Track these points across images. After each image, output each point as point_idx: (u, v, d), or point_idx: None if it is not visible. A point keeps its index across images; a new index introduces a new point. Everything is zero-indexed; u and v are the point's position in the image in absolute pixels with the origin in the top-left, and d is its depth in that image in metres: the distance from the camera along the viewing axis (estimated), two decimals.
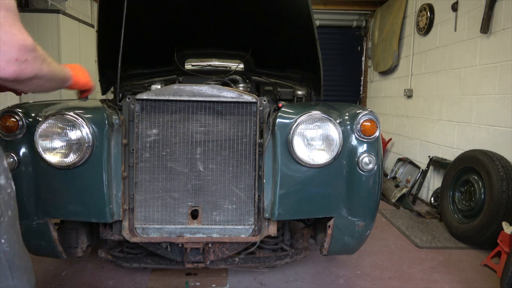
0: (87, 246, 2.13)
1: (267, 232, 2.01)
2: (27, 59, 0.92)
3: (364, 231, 2.02)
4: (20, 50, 0.91)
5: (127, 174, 1.94)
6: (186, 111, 1.94)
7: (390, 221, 3.81)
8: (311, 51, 2.50)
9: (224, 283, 2.44)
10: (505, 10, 3.29)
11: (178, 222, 1.99)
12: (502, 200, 2.84)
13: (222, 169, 1.98)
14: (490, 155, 3.09)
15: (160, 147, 1.94)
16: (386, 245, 3.17)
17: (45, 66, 1.00)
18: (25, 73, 0.94)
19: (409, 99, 5.11)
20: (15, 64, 0.91)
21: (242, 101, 1.94)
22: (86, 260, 2.70)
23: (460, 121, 3.95)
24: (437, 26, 4.43)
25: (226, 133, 1.96)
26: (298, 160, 1.86)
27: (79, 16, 4.86)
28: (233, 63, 3.31)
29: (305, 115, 1.86)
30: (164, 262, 2.20)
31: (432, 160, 4.30)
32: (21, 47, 0.90)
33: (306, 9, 2.31)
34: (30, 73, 0.95)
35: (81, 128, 1.75)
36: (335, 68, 6.75)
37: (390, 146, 5.69)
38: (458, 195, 3.50)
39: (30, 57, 0.93)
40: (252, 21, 2.83)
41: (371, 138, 1.90)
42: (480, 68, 3.63)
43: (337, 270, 2.68)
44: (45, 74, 1.01)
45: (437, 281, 2.57)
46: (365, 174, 1.90)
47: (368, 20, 6.55)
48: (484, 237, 2.97)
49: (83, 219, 1.88)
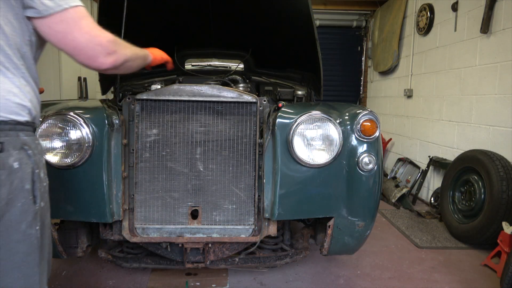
0: (87, 246, 2.13)
1: (267, 232, 2.01)
2: (115, 50, 1.16)
3: (364, 231, 2.02)
4: (109, 45, 1.13)
5: (127, 174, 1.94)
6: (186, 111, 1.94)
7: (390, 221, 3.81)
8: (311, 51, 2.50)
9: (224, 283, 2.44)
10: (505, 10, 3.29)
11: (178, 222, 1.99)
12: (502, 200, 2.84)
13: (222, 169, 1.98)
14: (490, 155, 3.09)
15: (160, 147, 1.94)
16: (386, 245, 3.17)
17: (128, 51, 1.24)
18: (119, 60, 1.18)
19: (409, 99, 5.11)
20: (110, 56, 1.15)
21: (242, 101, 1.94)
22: (86, 260, 2.70)
23: (460, 121, 3.95)
24: (437, 26, 4.43)
25: (226, 133, 1.96)
26: (298, 160, 1.86)
27: None
28: (233, 63, 3.31)
29: (305, 115, 1.86)
30: (164, 262, 2.20)
31: (432, 160, 4.30)
32: (107, 42, 1.13)
33: (306, 9, 2.31)
34: (122, 59, 1.20)
35: (81, 128, 1.75)
36: (335, 68, 6.74)
37: (390, 146, 5.69)
38: (458, 195, 3.50)
39: (116, 48, 1.16)
40: (252, 21, 2.83)
41: (371, 138, 1.90)
42: (480, 68, 3.63)
43: (337, 270, 2.68)
44: (131, 56, 1.25)
45: (437, 281, 2.57)
46: (365, 174, 1.90)
47: (368, 20, 6.55)
48: (484, 237, 2.97)
49: (83, 219, 1.88)
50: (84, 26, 1.09)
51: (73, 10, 1.07)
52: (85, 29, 1.09)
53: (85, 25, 1.09)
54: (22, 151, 1.05)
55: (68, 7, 1.06)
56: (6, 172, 1.00)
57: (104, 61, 1.15)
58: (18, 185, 1.03)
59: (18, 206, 1.03)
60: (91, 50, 1.11)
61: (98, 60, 1.14)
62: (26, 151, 1.06)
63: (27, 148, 1.06)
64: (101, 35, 1.12)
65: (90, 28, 1.10)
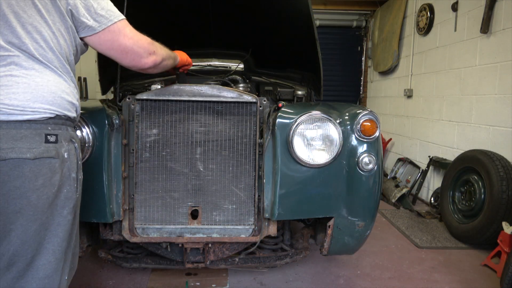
0: (87, 246, 2.13)
1: (267, 232, 2.01)
2: (155, 50, 1.40)
3: (364, 231, 2.02)
4: (149, 47, 1.37)
5: (127, 174, 1.94)
6: (186, 111, 1.94)
7: (390, 221, 3.81)
8: (311, 51, 2.50)
9: (224, 283, 2.44)
10: (505, 10, 3.29)
11: (178, 222, 1.99)
12: (502, 200, 2.84)
13: (222, 169, 1.98)
14: (490, 155, 3.09)
15: (160, 147, 1.94)
16: (386, 245, 3.17)
17: (163, 51, 1.48)
18: (158, 59, 1.42)
19: (409, 99, 5.11)
20: (151, 56, 1.38)
21: (242, 101, 1.94)
22: (86, 260, 2.70)
23: (460, 121, 3.95)
24: (437, 26, 4.43)
25: (226, 133, 1.96)
26: (298, 160, 1.86)
27: None
28: (233, 63, 3.31)
29: (305, 115, 1.86)
30: (164, 262, 2.20)
31: (432, 160, 4.30)
32: (148, 44, 1.37)
33: (306, 9, 2.31)
34: (160, 59, 1.43)
35: (81, 128, 1.75)
36: (335, 68, 6.74)
37: (390, 146, 5.69)
38: (458, 195, 3.50)
39: (155, 48, 1.40)
40: (252, 21, 2.83)
41: (371, 138, 1.90)
42: (480, 68, 3.63)
43: (337, 270, 2.68)
44: (166, 56, 1.49)
45: (437, 281, 2.57)
46: (365, 174, 1.90)
47: (368, 20, 6.55)
48: (484, 237, 2.97)
49: (83, 219, 1.87)
50: (128, 32, 1.29)
51: (120, 23, 1.28)
52: (129, 35, 1.30)
53: (128, 32, 1.30)
54: (70, 143, 1.20)
55: (117, 21, 1.26)
56: (59, 161, 1.14)
57: (147, 61, 1.37)
58: (66, 173, 1.17)
59: (64, 192, 1.17)
60: (135, 52, 1.32)
61: (142, 60, 1.36)
62: (74, 143, 1.22)
63: (74, 141, 1.22)
64: (143, 39, 1.34)
65: (133, 34, 1.31)
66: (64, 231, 1.18)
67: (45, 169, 1.10)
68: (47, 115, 1.12)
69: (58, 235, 1.17)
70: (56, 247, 1.17)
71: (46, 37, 1.14)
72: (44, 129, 1.11)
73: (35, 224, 1.11)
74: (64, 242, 1.19)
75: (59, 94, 1.15)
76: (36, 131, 1.10)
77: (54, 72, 1.16)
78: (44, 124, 1.12)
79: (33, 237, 1.11)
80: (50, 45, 1.15)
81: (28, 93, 1.09)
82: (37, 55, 1.12)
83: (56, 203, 1.15)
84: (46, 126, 1.12)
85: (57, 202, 1.15)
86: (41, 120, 1.11)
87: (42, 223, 1.12)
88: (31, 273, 1.13)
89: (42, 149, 1.09)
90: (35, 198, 1.09)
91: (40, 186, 1.09)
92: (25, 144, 1.07)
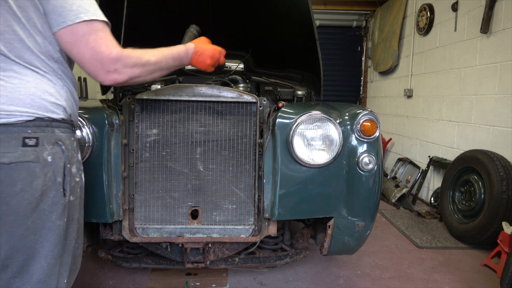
0: (87, 246, 2.14)
1: (267, 232, 2.01)
2: (116, 68, 1.14)
3: (364, 231, 2.02)
4: (109, 63, 1.13)
5: (127, 174, 1.94)
6: (186, 111, 1.94)
7: (390, 221, 3.81)
8: (311, 51, 2.50)
9: (224, 283, 2.44)
10: (505, 10, 3.29)
11: (178, 222, 1.99)
12: (502, 200, 2.84)
13: (222, 169, 1.98)
14: (490, 155, 3.09)
15: (160, 147, 1.94)
16: (386, 245, 3.17)
17: (136, 69, 1.20)
18: (121, 78, 1.17)
19: (409, 99, 5.11)
20: (109, 75, 1.15)
21: (242, 101, 1.94)
22: (86, 260, 2.70)
23: (460, 121, 3.95)
24: (437, 26, 4.43)
25: (226, 133, 1.96)
26: (298, 160, 1.86)
27: None
28: (233, 63, 3.31)
29: (305, 115, 1.86)
30: (164, 262, 2.20)
31: (432, 160, 4.30)
32: (109, 60, 1.12)
33: (306, 9, 2.31)
34: (124, 78, 1.18)
35: (81, 128, 1.75)
36: (335, 68, 6.74)
37: (390, 146, 5.69)
38: (458, 195, 3.50)
39: (118, 66, 1.14)
40: (252, 21, 2.83)
41: (371, 138, 1.90)
42: (480, 68, 3.63)
43: (337, 270, 2.68)
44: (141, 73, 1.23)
45: (437, 281, 2.57)
46: (365, 174, 1.90)
47: (368, 20, 6.55)
48: (484, 237, 2.97)
49: (83, 219, 1.88)
50: (91, 41, 1.10)
51: (86, 24, 1.09)
52: (91, 44, 1.10)
53: (92, 40, 1.10)
54: (56, 146, 1.13)
55: (80, 21, 1.08)
56: (41, 165, 1.08)
57: (104, 79, 1.16)
58: (51, 177, 1.11)
59: (50, 197, 1.12)
60: (92, 66, 1.13)
61: (98, 77, 1.16)
62: (60, 146, 1.14)
63: (60, 144, 1.15)
64: (105, 52, 1.11)
65: (97, 43, 1.10)
66: (55, 236, 1.14)
67: (24, 173, 1.06)
68: (24, 118, 1.07)
69: (49, 240, 1.13)
70: (47, 252, 1.14)
71: (21, 36, 1.08)
72: (23, 133, 1.07)
73: (19, 229, 1.08)
74: (56, 247, 1.15)
75: (39, 95, 1.10)
76: (12, 134, 1.05)
77: (34, 73, 1.11)
78: (22, 127, 1.07)
79: (21, 242, 1.09)
80: (27, 45, 1.09)
81: (3, 96, 1.05)
82: (13, 57, 1.07)
83: (42, 208, 1.11)
84: (24, 129, 1.07)
85: (43, 207, 1.11)
86: (18, 123, 1.06)
87: (28, 228, 1.09)
88: (26, 276, 1.12)
89: (18, 153, 1.05)
90: (15, 203, 1.06)
91: (20, 191, 1.06)
92: (0, 149, 1.03)
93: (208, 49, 1.55)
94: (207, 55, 1.53)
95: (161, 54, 1.29)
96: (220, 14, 2.76)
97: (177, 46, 1.40)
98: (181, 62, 1.41)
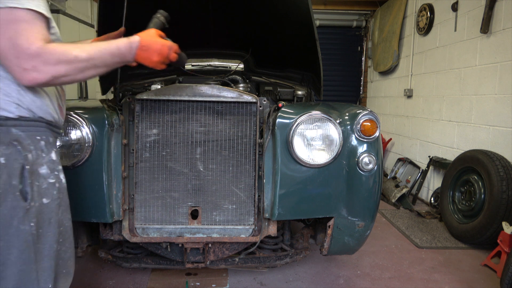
0: (87, 246, 2.13)
1: (267, 232, 2.01)
2: (35, 66, 0.98)
3: (364, 231, 2.02)
4: (25, 59, 0.97)
5: (127, 174, 1.94)
6: (186, 111, 1.94)
7: (390, 221, 3.81)
8: (311, 51, 2.50)
9: (224, 283, 2.44)
10: (505, 10, 3.29)
11: (178, 222, 1.99)
12: (502, 200, 2.84)
13: (222, 169, 1.98)
14: (490, 155, 3.09)
15: (160, 147, 1.94)
16: (386, 245, 3.17)
17: (61, 66, 1.02)
18: (41, 78, 1.00)
19: (409, 99, 5.11)
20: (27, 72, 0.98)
21: (242, 101, 1.94)
22: (86, 260, 2.70)
23: (460, 121, 3.95)
24: (437, 26, 4.43)
25: (226, 133, 1.96)
26: (298, 160, 1.86)
27: (79, 16, 4.86)
28: (233, 63, 3.31)
29: (305, 115, 1.86)
30: (164, 262, 2.20)
31: (432, 160, 4.30)
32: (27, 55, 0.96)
33: (306, 9, 2.31)
34: (45, 78, 1.01)
35: (81, 128, 1.75)
36: (335, 68, 6.74)
37: (390, 146, 5.69)
38: (458, 195, 3.50)
39: (36, 63, 0.98)
40: (252, 21, 2.82)
41: (371, 138, 1.90)
42: (480, 68, 3.63)
43: (337, 270, 2.68)
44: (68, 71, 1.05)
45: (437, 281, 2.57)
46: (365, 174, 1.90)
47: (368, 20, 6.55)
48: (484, 237, 2.97)
49: (83, 219, 1.88)
50: (10, 30, 0.96)
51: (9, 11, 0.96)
52: (10, 33, 0.95)
53: (12, 30, 0.96)
54: (10, 146, 1.04)
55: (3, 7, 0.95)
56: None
57: (21, 77, 0.99)
58: (7, 180, 1.02)
59: (8, 201, 1.04)
60: (6, 61, 0.98)
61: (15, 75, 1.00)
62: (15, 146, 1.04)
63: (16, 144, 1.05)
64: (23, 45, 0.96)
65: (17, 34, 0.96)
66: (21, 241, 1.06)
67: None
68: None
69: (15, 246, 1.06)
70: (16, 258, 1.07)
71: None
72: None
73: None
74: (24, 253, 1.07)
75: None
76: None
77: None
78: None
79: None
80: None
81: None
82: None
83: (3, 213, 1.04)
84: None
85: (3, 211, 1.04)
86: None
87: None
88: (3, 282, 1.07)
89: None
90: None
91: None
92: None
93: (156, 44, 1.29)
94: (153, 50, 1.28)
95: (95, 49, 1.11)
96: (220, 14, 2.76)
97: (118, 39, 1.21)
98: (123, 58, 1.20)
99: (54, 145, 1.20)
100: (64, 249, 1.21)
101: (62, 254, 1.20)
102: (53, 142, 1.20)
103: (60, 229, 1.18)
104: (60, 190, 1.17)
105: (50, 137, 1.17)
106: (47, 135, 1.16)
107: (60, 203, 1.17)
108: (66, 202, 1.23)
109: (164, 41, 1.32)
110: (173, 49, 1.36)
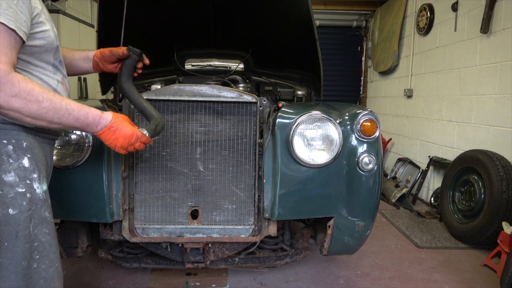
0: (87, 246, 2.13)
1: (267, 232, 2.01)
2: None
3: (364, 231, 2.02)
4: None
5: (127, 174, 1.93)
6: (186, 111, 1.94)
7: (390, 221, 3.81)
8: (311, 51, 2.50)
9: (224, 283, 2.44)
10: (505, 10, 3.29)
11: (178, 222, 1.99)
12: (502, 200, 2.84)
13: (222, 169, 1.98)
14: (490, 155, 3.09)
15: (160, 147, 1.94)
16: (386, 245, 3.17)
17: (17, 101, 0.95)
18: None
19: (409, 99, 5.11)
20: None
21: (242, 101, 1.94)
22: (86, 260, 2.70)
23: (460, 121, 3.95)
24: (437, 26, 4.43)
25: (226, 133, 1.96)
26: (298, 160, 1.86)
27: (79, 16, 4.86)
28: (233, 63, 3.31)
29: (305, 115, 1.86)
30: (164, 262, 2.20)
31: (432, 160, 4.30)
32: None
33: (306, 9, 2.31)
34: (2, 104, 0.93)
35: None
36: (335, 68, 6.74)
37: (390, 146, 5.69)
38: (458, 195, 3.50)
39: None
40: (252, 21, 2.83)
41: (371, 138, 1.90)
42: (480, 68, 3.63)
43: (337, 270, 2.68)
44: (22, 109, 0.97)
45: (437, 281, 2.57)
46: (365, 174, 1.90)
47: (368, 20, 6.55)
48: (484, 237, 2.97)
49: (83, 219, 1.88)
50: None
51: None
52: None
53: None
54: None
55: None
56: None
57: None
58: None
59: None
60: None
61: None
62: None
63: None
64: None
65: None
66: None
67: None
68: None
69: None
70: None
71: None
72: None
73: None
74: None
75: None
76: None
77: None
78: None
79: None
80: None
81: None
82: None
83: None
84: None
85: None
86: None
87: None
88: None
89: None
90: None
91: None
92: None
93: (126, 130, 1.25)
94: (121, 134, 1.24)
95: (61, 105, 1.05)
96: (220, 14, 2.76)
97: (93, 109, 1.16)
98: (85, 127, 1.15)
99: (30, 151, 1.09)
100: (44, 267, 1.11)
101: (42, 273, 1.10)
102: (30, 148, 1.09)
103: (34, 244, 1.08)
104: (32, 201, 1.07)
105: (23, 141, 1.07)
106: (19, 139, 1.06)
107: (31, 215, 1.07)
108: (42, 215, 1.11)
109: (134, 130, 1.29)
110: (141, 139, 1.32)
